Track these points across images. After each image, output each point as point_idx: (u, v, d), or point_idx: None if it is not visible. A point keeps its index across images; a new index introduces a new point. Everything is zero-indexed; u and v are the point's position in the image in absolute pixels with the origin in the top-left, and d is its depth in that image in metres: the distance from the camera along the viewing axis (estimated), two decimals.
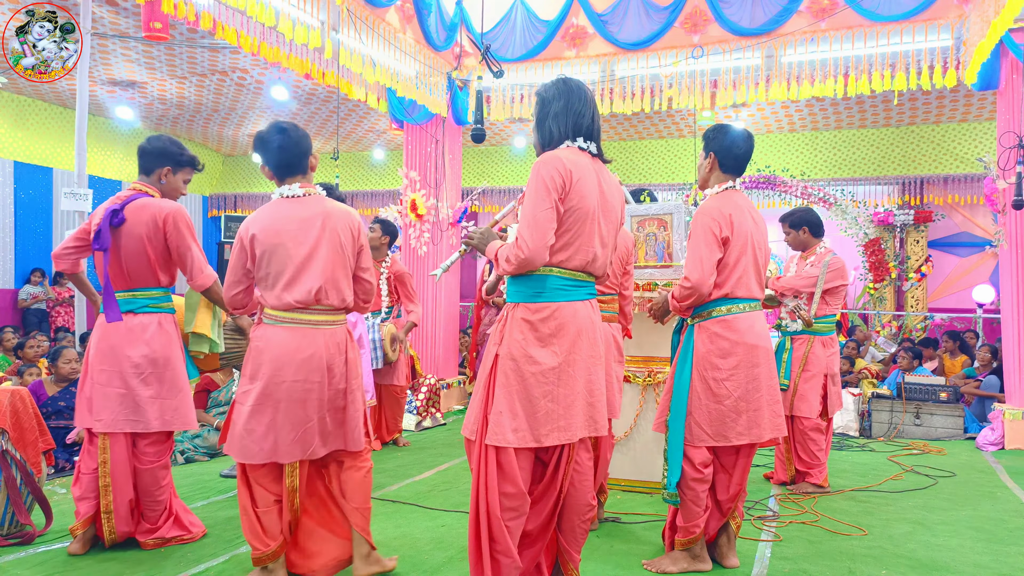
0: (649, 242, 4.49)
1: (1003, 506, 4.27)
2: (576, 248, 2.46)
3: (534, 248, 2.38)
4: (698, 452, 3.06)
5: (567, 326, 2.44)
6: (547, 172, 2.41)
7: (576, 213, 2.44)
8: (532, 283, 2.47)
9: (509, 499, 2.41)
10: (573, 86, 2.58)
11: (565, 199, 2.42)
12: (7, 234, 9.89)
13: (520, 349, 2.43)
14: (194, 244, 3.32)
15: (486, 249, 2.65)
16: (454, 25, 7.20)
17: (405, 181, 7.54)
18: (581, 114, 2.55)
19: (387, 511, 3.96)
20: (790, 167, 10.73)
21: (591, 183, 2.48)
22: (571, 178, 2.41)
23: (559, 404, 2.42)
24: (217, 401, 5.70)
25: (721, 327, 3.05)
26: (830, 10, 6.53)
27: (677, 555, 3.14)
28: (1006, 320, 6.16)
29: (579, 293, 2.51)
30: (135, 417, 3.25)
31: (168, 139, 3.42)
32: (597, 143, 2.60)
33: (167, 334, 3.33)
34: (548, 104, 2.58)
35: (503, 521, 2.40)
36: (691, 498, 3.07)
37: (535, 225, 2.38)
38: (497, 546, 2.41)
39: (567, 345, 2.44)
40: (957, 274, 10.49)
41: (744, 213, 3.11)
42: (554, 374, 2.42)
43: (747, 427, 3.02)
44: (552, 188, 2.39)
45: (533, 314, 2.45)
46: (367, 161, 12.91)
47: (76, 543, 3.27)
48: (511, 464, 2.40)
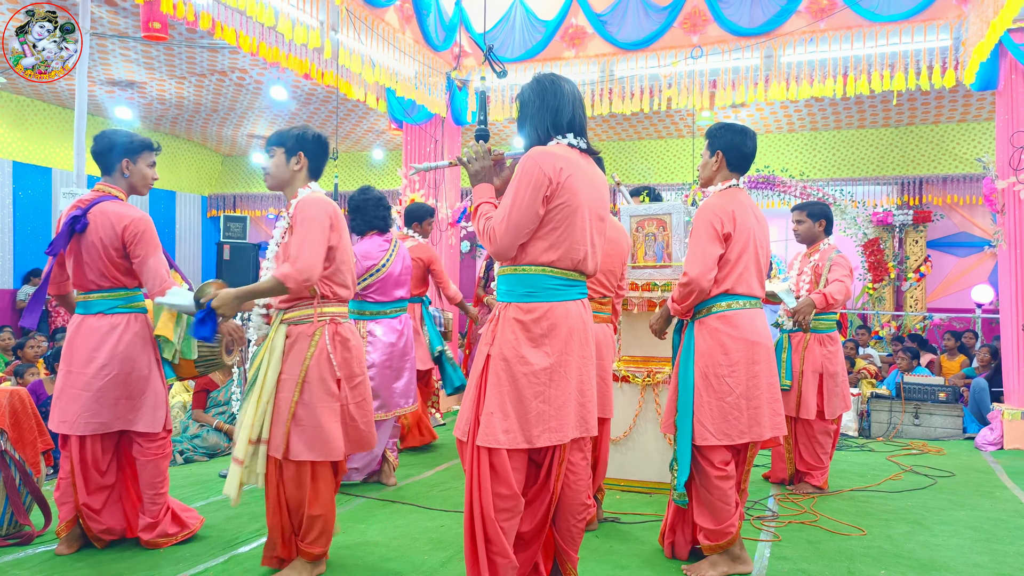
0: (648, 242, 4.48)
1: (1002, 506, 4.27)
2: (567, 247, 2.42)
3: (503, 246, 2.38)
4: (717, 450, 3.01)
5: (559, 326, 2.41)
6: (535, 168, 2.35)
7: (565, 210, 2.39)
8: (524, 282, 2.44)
9: (503, 500, 2.39)
10: (547, 83, 2.52)
11: (553, 197, 2.37)
12: (6, 234, 9.87)
13: (512, 350, 2.39)
14: (154, 254, 3.20)
15: (474, 187, 2.58)
16: (453, 25, 7.21)
17: (404, 181, 7.54)
18: (558, 110, 2.48)
19: (387, 511, 3.96)
20: (789, 167, 10.73)
21: (581, 179, 2.43)
22: (560, 176, 2.36)
23: (551, 405, 2.38)
24: (217, 401, 5.70)
25: (721, 323, 3.04)
26: (829, 10, 6.53)
27: (716, 559, 3.06)
28: (1005, 320, 6.16)
29: (571, 293, 2.47)
30: (97, 419, 3.18)
31: (113, 131, 3.32)
32: (584, 137, 2.53)
33: (133, 334, 3.25)
34: (526, 106, 2.54)
35: (498, 522, 2.38)
36: (719, 497, 3.02)
37: (509, 223, 2.36)
38: (493, 547, 2.40)
39: (559, 346, 2.41)
40: (956, 274, 10.49)
41: (747, 210, 3.09)
42: (546, 375, 2.39)
43: (748, 425, 3.00)
44: (539, 186, 2.34)
45: (525, 314, 2.42)
46: (366, 161, 12.91)
47: (61, 544, 3.29)
48: (504, 465, 2.38)
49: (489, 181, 2.59)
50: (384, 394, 4.41)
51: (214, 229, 13.29)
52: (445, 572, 3.10)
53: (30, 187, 10.16)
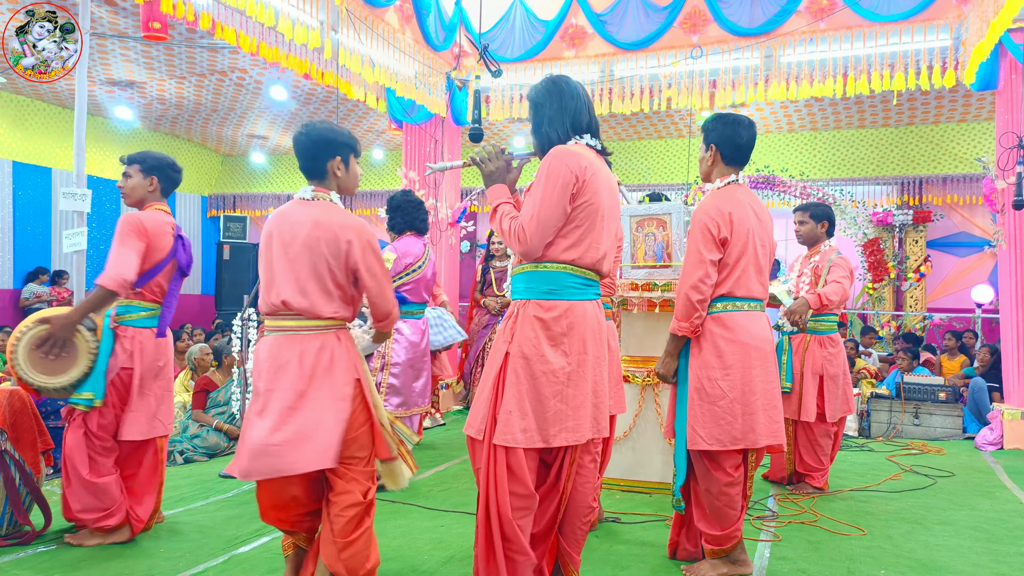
0: (648, 242, 4.48)
1: (1002, 506, 4.27)
2: (588, 245, 2.43)
3: (533, 245, 2.39)
4: (728, 456, 2.95)
5: (577, 326, 2.42)
6: (562, 166, 2.38)
7: (588, 209, 2.41)
8: (546, 279, 2.43)
9: (519, 499, 2.38)
10: (563, 85, 2.54)
11: (578, 195, 2.39)
12: (6, 234, 9.87)
13: (532, 348, 2.39)
14: (116, 246, 3.30)
15: (488, 188, 2.56)
16: (453, 25, 7.21)
17: (404, 181, 7.54)
18: (578, 111, 2.52)
19: (387, 511, 3.96)
20: (789, 167, 10.73)
21: (601, 180, 2.46)
22: (585, 174, 2.39)
23: (568, 405, 2.39)
24: (216, 401, 5.70)
25: (716, 325, 2.96)
26: (829, 10, 6.53)
27: (716, 561, 3.04)
28: (1005, 320, 6.16)
29: (588, 293, 2.48)
30: None
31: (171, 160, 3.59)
32: (599, 139, 2.57)
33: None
34: (542, 108, 2.54)
35: (514, 520, 2.37)
36: (725, 503, 2.96)
37: (540, 221, 2.37)
38: (512, 546, 2.38)
39: (577, 346, 2.41)
40: (956, 274, 10.49)
41: (746, 209, 2.99)
42: (564, 374, 2.39)
43: (743, 432, 2.91)
44: (567, 183, 2.36)
45: (546, 312, 2.41)
46: (366, 161, 12.90)
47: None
48: (520, 464, 2.37)
49: (504, 181, 2.58)
50: (406, 392, 4.48)
51: (214, 229, 13.29)
52: (445, 572, 3.10)
53: (30, 187, 10.15)
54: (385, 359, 4.46)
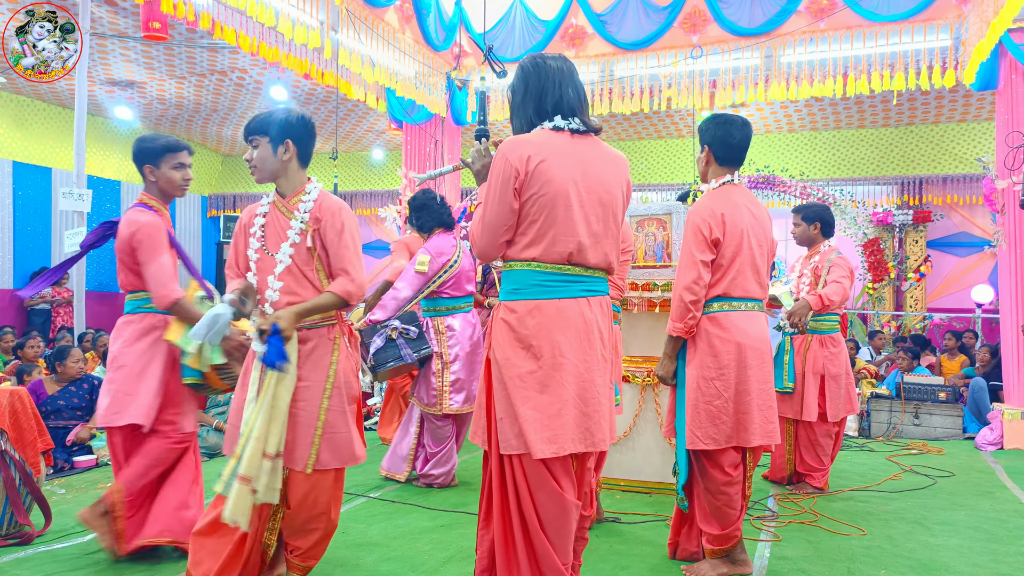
0: (648, 242, 4.49)
1: (1002, 506, 4.27)
2: (551, 239, 2.21)
3: (482, 247, 2.28)
4: (726, 454, 2.95)
5: (547, 326, 2.20)
6: (501, 161, 2.21)
7: (541, 201, 2.19)
8: (510, 279, 2.29)
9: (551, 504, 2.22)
10: (529, 67, 2.36)
11: (524, 188, 2.19)
12: (6, 234, 9.88)
13: (501, 351, 2.24)
14: (155, 261, 3.13)
15: (480, 187, 2.42)
16: (453, 25, 7.21)
17: (404, 181, 7.54)
18: (542, 93, 2.31)
19: (387, 511, 3.96)
20: (789, 167, 10.73)
21: (562, 164, 2.22)
22: (528, 164, 2.18)
23: (543, 413, 2.17)
24: (216, 401, 5.70)
25: (711, 324, 2.96)
26: (829, 10, 6.54)
27: (716, 561, 3.04)
28: (1005, 320, 6.16)
29: (568, 289, 2.24)
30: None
31: (142, 138, 3.29)
32: (579, 116, 2.31)
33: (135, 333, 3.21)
34: (515, 95, 2.40)
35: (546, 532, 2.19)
36: (724, 503, 2.96)
37: (485, 223, 2.25)
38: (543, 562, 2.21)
39: (548, 347, 2.19)
40: (956, 274, 10.49)
41: (740, 210, 2.98)
42: (534, 379, 2.19)
43: (735, 430, 2.92)
44: (507, 179, 2.19)
45: (510, 313, 2.25)
46: (366, 161, 12.90)
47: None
48: (538, 469, 2.20)
49: None
50: (468, 387, 4.45)
51: (214, 229, 13.29)
52: (445, 572, 3.10)
53: (30, 187, 10.16)
54: (444, 358, 4.44)
